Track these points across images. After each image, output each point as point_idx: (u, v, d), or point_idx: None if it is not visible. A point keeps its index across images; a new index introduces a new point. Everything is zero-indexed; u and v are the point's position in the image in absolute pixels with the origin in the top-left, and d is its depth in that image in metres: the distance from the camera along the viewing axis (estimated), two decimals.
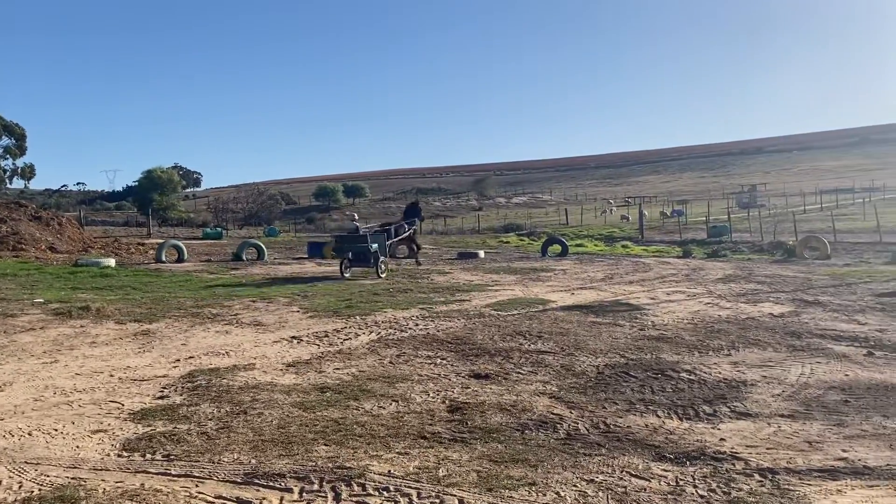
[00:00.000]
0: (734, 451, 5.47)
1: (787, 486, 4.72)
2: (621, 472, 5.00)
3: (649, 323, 11.53)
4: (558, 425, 6.09)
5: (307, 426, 6.05)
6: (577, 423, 6.16)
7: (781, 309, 12.76)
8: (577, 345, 9.68)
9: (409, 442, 5.64)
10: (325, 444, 5.56)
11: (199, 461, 5.24)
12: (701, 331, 10.73)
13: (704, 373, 8.06)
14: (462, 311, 12.94)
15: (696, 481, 4.82)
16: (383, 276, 19.45)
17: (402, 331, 10.82)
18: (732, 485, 4.75)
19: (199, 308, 13.33)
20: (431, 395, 7.13)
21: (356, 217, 25.50)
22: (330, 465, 5.10)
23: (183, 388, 7.48)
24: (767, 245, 29.67)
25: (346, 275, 19.49)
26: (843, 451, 5.49)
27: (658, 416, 6.46)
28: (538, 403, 6.80)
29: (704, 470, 5.05)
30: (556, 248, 31.73)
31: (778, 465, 5.13)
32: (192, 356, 9.14)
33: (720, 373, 8.07)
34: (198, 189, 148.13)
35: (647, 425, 6.15)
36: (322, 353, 9.29)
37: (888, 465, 5.16)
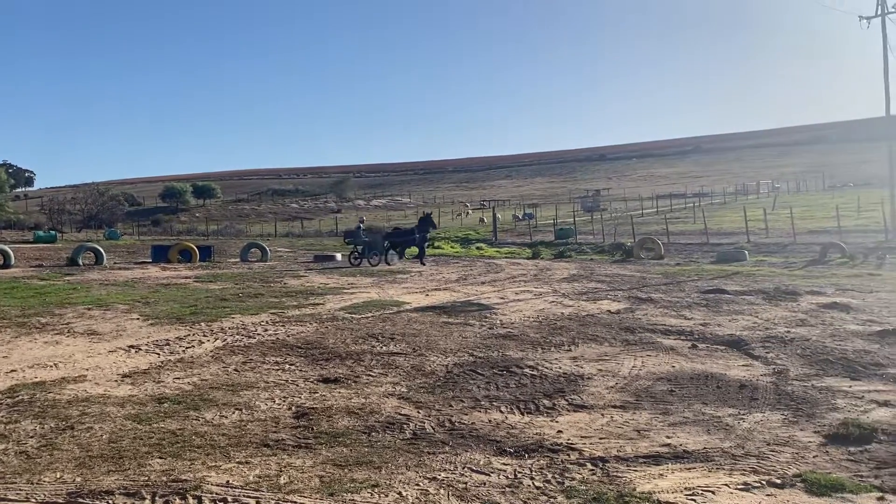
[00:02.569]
0: (570, 442, 5.75)
1: (615, 474, 5.02)
2: (463, 468, 5.12)
3: (498, 322, 11.90)
4: (405, 426, 6.15)
5: (141, 439, 5.72)
6: (424, 423, 6.25)
7: (618, 306, 13.59)
8: (429, 345, 9.82)
9: (250, 451, 5.48)
10: (160, 457, 5.29)
11: (15, 482, 4.81)
12: (545, 328, 11.20)
13: (546, 368, 8.42)
14: (315, 315, 12.76)
15: (534, 473, 5.03)
16: (375, 267, 23.51)
17: (249, 337, 10.50)
18: (566, 475, 4.99)
19: (25, 317, 12.29)
20: (277, 401, 6.97)
21: (363, 220, 33.46)
22: (164, 478, 4.85)
23: (1, 404, 6.86)
24: (608, 246, 31.50)
25: (356, 263, 24.40)
26: (668, 437, 5.92)
27: (501, 411, 6.68)
28: (386, 405, 6.82)
29: (541, 462, 5.28)
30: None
31: (609, 454, 5.45)
32: (15, 370, 8.40)
33: (561, 368, 8.47)
34: (30, 189, 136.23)
35: (490, 421, 6.34)
36: (162, 362, 8.84)
37: (704, 448, 5.62)
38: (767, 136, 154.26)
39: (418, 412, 6.59)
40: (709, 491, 4.70)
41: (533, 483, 4.83)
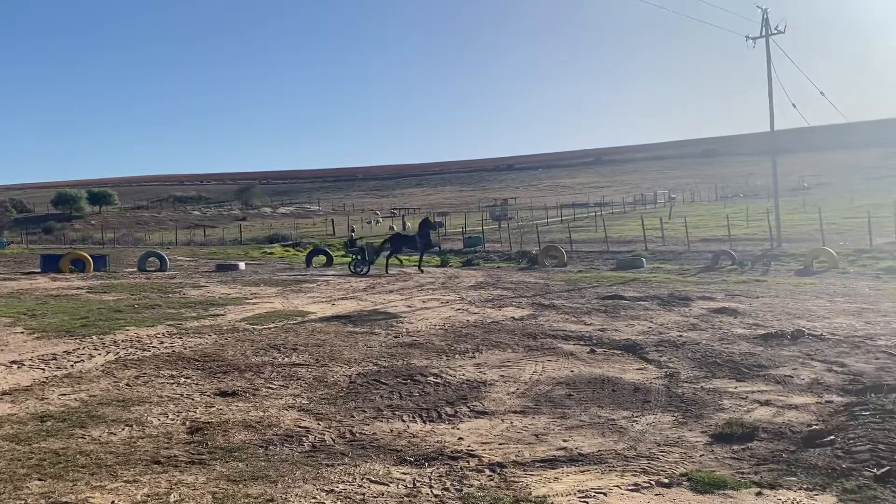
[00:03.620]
0: (470, 448, 5.81)
1: (512, 479, 5.10)
2: (362, 479, 5.08)
3: (404, 330, 11.89)
4: (304, 438, 6.05)
5: (19, 461, 5.39)
6: (324, 435, 6.17)
7: (522, 312, 13.84)
8: (333, 355, 9.70)
9: (140, 468, 5.26)
10: (40, 479, 4.99)
11: None
12: (450, 336, 11.28)
13: (450, 375, 8.48)
14: (214, 326, 12.37)
15: (433, 481, 5.04)
16: (362, 272, 24.35)
17: (144, 350, 10.08)
18: (465, 482, 5.03)
19: None
20: (171, 416, 6.72)
21: (354, 229, 36.08)
22: (42, 501, 4.59)
23: None
24: (515, 254, 32.05)
25: (355, 270, 25.07)
26: (564, 441, 6.07)
27: (403, 420, 6.68)
28: (286, 417, 6.69)
29: (441, 470, 5.30)
30: (322, 258, 31.59)
31: (507, 459, 5.54)
32: None
33: (464, 375, 8.54)
34: None
35: (392, 430, 6.32)
36: (47, 377, 8.36)
37: (599, 451, 5.80)
38: (664, 148, 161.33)
39: (319, 424, 6.50)
40: (601, 493, 4.84)
41: (431, 491, 4.85)
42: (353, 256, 26.31)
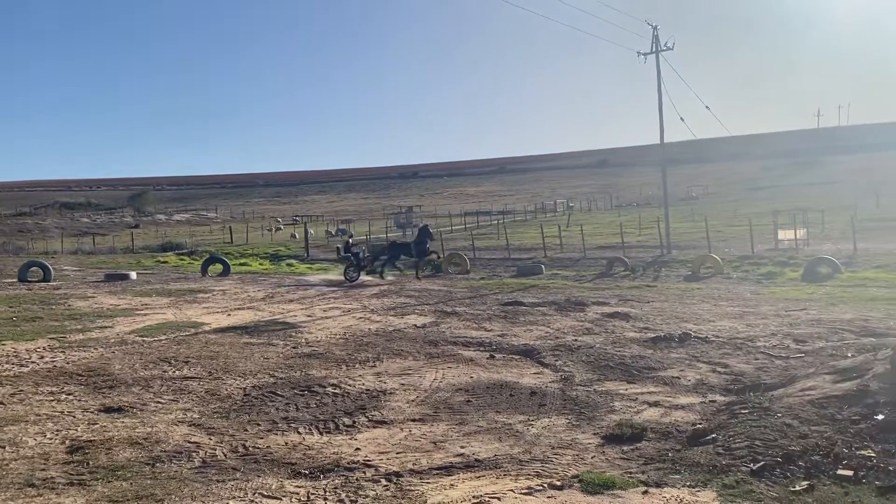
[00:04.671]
0: (367, 459, 5.75)
1: (408, 487, 5.09)
2: (254, 494, 4.95)
3: (303, 340, 11.68)
4: (194, 454, 5.83)
5: None
6: (215, 450, 5.96)
7: (424, 320, 13.87)
8: (227, 367, 9.41)
9: (11, 493, 4.92)
10: None
11: None
12: (351, 345, 11.16)
13: (349, 385, 8.38)
14: (101, 339, 11.77)
15: (328, 493, 4.97)
16: (354, 279, 23.95)
17: (21, 365, 9.46)
18: (360, 492, 4.98)
19: None
20: (49, 436, 6.33)
21: (352, 235, 34.47)
22: None
23: None
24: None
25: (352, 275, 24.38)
26: (462, 447, 6.11)
27: (299, 432, 6.54)
28: (175, 433, 6.43)
29: (336, 481, 5.23)
30: (218, 267, 30.61)
31: (404, 468, 5.52)
32: None
33: (364, 384, 8.47)
34: None
35: (287, 443, 6.18)
36: None
37: (495, 456, 5.87)
38: (564, 158, 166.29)
39: (210, 439, 6.28)
40: (495, 497, 4.89)
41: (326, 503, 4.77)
42: (348, 262, 25.94)
